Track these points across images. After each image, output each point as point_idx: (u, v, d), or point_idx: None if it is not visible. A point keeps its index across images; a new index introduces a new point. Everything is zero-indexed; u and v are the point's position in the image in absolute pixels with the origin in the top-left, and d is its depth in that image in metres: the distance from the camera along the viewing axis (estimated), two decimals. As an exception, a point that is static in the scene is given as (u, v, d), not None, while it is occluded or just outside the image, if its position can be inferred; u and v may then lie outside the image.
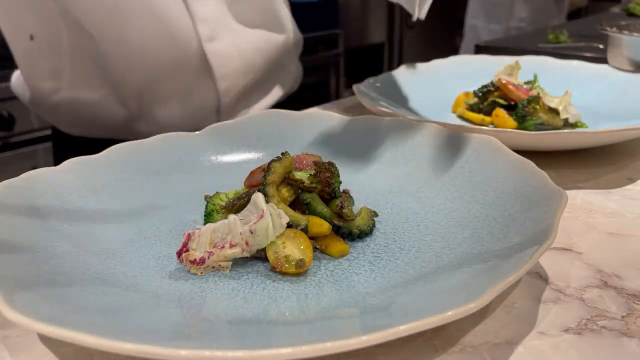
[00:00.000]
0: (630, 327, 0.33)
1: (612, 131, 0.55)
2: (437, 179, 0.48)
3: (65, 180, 0.44)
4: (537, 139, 0.55)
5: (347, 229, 0.41)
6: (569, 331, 0.33)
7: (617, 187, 0.53)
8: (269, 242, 0.37)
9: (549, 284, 0.38)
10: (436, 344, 0.32)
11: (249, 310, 0.33)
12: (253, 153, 0.54)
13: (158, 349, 0.24)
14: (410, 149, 0.51)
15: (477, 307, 0.27)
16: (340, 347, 0.25)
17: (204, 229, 0.38)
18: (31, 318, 0.26)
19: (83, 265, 0.36)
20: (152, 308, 0.33)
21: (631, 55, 0.86)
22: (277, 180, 0.41)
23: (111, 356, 0.31)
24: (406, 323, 0.26)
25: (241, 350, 0.24)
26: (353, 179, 0.50)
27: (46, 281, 0.32)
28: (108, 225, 0.42)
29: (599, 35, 1.06)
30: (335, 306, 0.33)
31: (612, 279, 0.38)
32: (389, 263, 0.38)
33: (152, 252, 0.40)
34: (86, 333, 0.25)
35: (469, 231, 0.40)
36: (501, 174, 0.44)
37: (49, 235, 0.38)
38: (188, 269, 0.37)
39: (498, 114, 0.67)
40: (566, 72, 0.82)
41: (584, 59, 0.86)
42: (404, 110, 0.64)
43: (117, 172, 0.47)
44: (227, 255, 0.37)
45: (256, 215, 0.37)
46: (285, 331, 0.31)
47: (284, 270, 0.37)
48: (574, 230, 0.45)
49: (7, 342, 0.33)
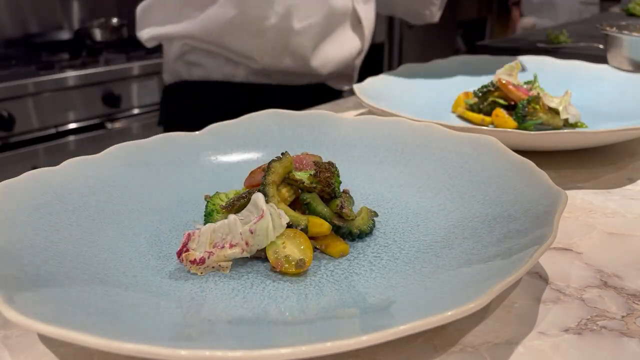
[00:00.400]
0: (630, 327, 0.33)
1: (612, 131, 0.55)
2: (437, 179, 0.48)
3: (65, 180, 0.44)
4: (537, 139, 0.55)
5: (347, 229, 0.41)
6: (569, 331, 0.33)
7: (617, 187, 0.53)
8: (269, 242, 0.37)
9: (549, 284, 0.38)
10: (436, 344, 0.32)
11: (249, 310, 0.33)
12: (253, 153, 0.54)
13: (158, 349, 0.24)
14: (410, 149, 0.51)
15: (477, 307, 0.27)
16: (340, 347, 0.25)
17: (204, 229, 0.38)
18: (31, 318, 0.26)
19: (83, 265, 0.36)
20: (152, 308, 0.33)
21: (631, 55, 0.86)
22: (277, 180, 0.41)
23: (111, 356, 0.31)
24: (406, 323, 0.26)
25: (241, 350, 0.24)
26: (353, 179, 0.51)
27: (46, 281, 0.32)
28: (108, 225, 0.42)
29: (599, 35, 1.06)
30: (335, 306, 0.33)
31: (612, 279, 0.38)
32: (389, 263, 0.38)
33: (152, 252, 0.40)
34: (86, 333, 0.25)
35: (469, 231, 0.40)
36: (501, 174, 0.44)
37: (49, 235, 0.38)
38: (188, 269, 0.37)
39: (498, 114, 0.67)
40: (566, 72, 0.82)
41: (584, 59, 0.86)
42: (404, 110, 0.64)
43: (117, 172, 0.47)
44: (227, 255, 0.37)
45: (256, 215, 0.37)
46: (285, 331, 0.31)
47: (284, 270, 0.37)
48: (574, 230, 0.45)
49: (7, 342, 0.33)
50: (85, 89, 1.79)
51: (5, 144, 1.66)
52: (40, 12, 2.10)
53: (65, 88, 1.75)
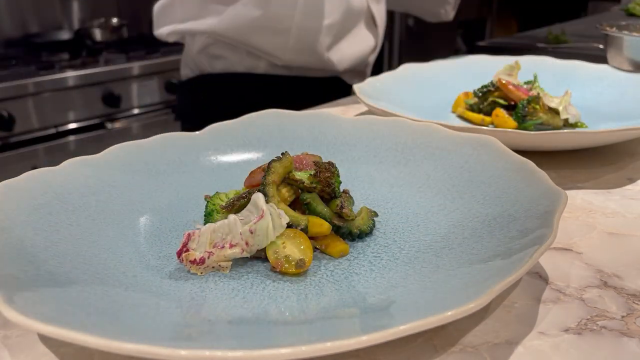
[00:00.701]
0: (630, 327, 0.33)
1: (612, 131, 0.55)
2: (437, 179, 0.48)
3: (65, 180, 0.44)
4: (537, 139, 0.55)
5: (347, 229, 0.41)
6: (569, 331, 0.33)
7: (617, 187, 0.53)
8: (269, 242, 0.37)
9: (549, 284, 0.38)
10: (436, 344, 0.32)
11: (249, 310, 0.33)
12: (253, 153, 0.54)
13: (158, 349, 0.24)
14: (410, 149, 0.51)
15: (477, 307, 0.27)
16: (340, 347, 0.25)
17: (204, 229, 0.38)
18: (31, 318, 0.26)
19: (83, 265, 0.36)
20: (152, 308, 0.33)
21: (631, 55, 0.86)
22: (277, 180, 0.41)
23: (111, 356, 0.31)
24: (406, 323, 0.26)
25: (241, 350, 0.24)
26: (353, 179, 0.51)
27: (46, 281, 0.32)
28: (108, 225, 0.42)
29: (599, 35, 1.06)
30: (335, 306, 0.33)
31: (612, 279, 0.38)
32: (389, 263, 0.38)
33: (152, 252, 0.40)
34: (86, 333, 0.25)
35: (469, 231, 0.40)
36: (501, 174, 0.44)
37: (49, 235, 0.38)
38: (188, 269, 0.37)
39: (498, 114, 0.67)
40: (566, 72, 0.82)
41: (584, 59, 0.86)
42: (404, 110, 0.64)
43: (117, 172, 0.47)
44: (227, 255, 0.37)
45: (256, 215, 0.37)
46: (285, 331, 0.31)
47: (284, 270, 0.37)
48: (574, 230, 0.45)
49: (7, 342, 0.33)
50: (85, 89, 1.79)
51: (5, 144, 1.66)
52: (40, 12, 2.10)
53: (65, 88, 1.75)
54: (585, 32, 1.36)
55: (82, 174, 0.45)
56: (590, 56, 0.93)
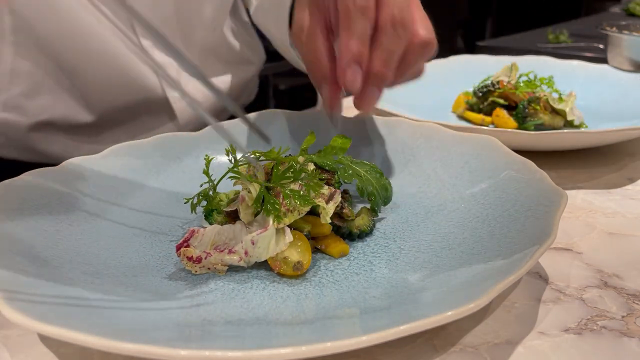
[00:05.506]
0: (630, 327, 0.33)
1: (612, 131, 0.55)
2: (438, 179, 0.48)
3: (65, 180, 0.44)
4: (537, 139, 0.55)
5: (347, 229, 0.41)
6: (569, 331, 0.33)
7: (617, 187, 0.53)
8: (268, 256, 0.37)
9: (549, 284, 0.38)
10: (436, 344, 0.32)
11: (249, 311, 0.33)
12: (253, 153, 0.54)
13: (158, 349, 0.24)
14: (411, 149, 0.51)
15: (477, 307, 0.27)
16: (340, 347, 0.25)
17: (209, 228, 0.38)
18: (31, 318, 0.26)
19: (83, 265, 0.36)
20: (152, 308, 0.33)
21: (631, 55, 0.86)
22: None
23: (111, 356, 0.31)
24: (406, 323, 0.26)
25: (241, 350, 0.24)
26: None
27: (46, 281, 0.32)
28: (108, 225, 0.42)
29: (599, 35, 1.06)
30: (335, 306, 0.33)
31: (612, 279, 0.38)
32: (389, 263, 0.38)
33: (152, 252, 0.40)
34: (86, 333, 0.25)
35: (469, 231, 0.40)
36: (501, 174, 0.44)
37: (50, 235, 0.38)
38: (184, 265, 0.37)
39: (498, 114, 0.67)
40: (566, 72, 0.82)
41: (584, 59, 0.86)
42: (404, 110, 0.64)
43: (117, 172, 0.47)
44: (224, 260, 0.37)
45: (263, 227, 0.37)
46: (285, 331, 0.31)
47: (282, 272, 0.37)
48: (574, 230, 0.45)
49: (7, 342, 0.33)
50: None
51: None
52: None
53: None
54: (585, 32, 1.36)
55: (82, 173, 0.45)
56: (590, 56, 0.93)
